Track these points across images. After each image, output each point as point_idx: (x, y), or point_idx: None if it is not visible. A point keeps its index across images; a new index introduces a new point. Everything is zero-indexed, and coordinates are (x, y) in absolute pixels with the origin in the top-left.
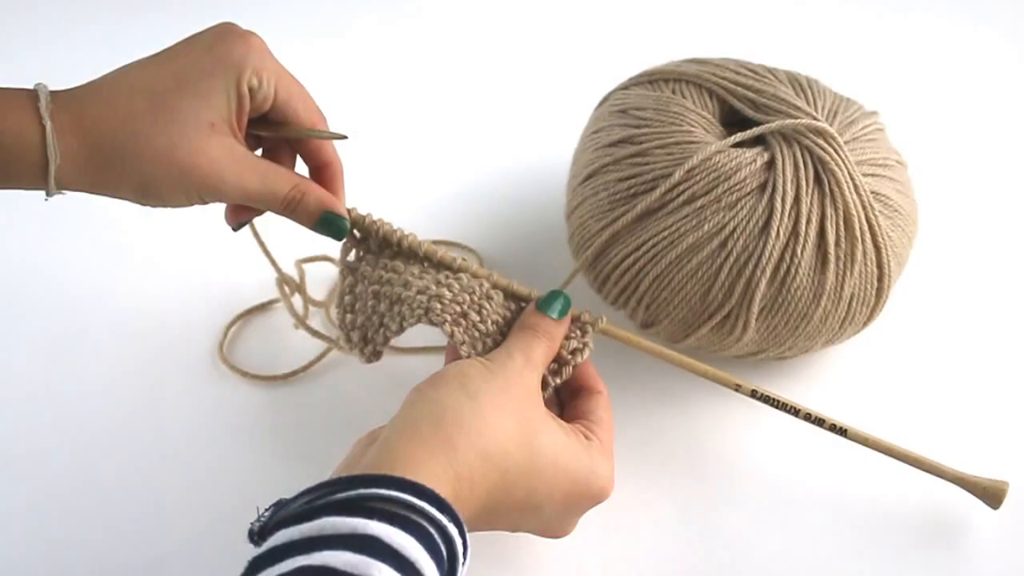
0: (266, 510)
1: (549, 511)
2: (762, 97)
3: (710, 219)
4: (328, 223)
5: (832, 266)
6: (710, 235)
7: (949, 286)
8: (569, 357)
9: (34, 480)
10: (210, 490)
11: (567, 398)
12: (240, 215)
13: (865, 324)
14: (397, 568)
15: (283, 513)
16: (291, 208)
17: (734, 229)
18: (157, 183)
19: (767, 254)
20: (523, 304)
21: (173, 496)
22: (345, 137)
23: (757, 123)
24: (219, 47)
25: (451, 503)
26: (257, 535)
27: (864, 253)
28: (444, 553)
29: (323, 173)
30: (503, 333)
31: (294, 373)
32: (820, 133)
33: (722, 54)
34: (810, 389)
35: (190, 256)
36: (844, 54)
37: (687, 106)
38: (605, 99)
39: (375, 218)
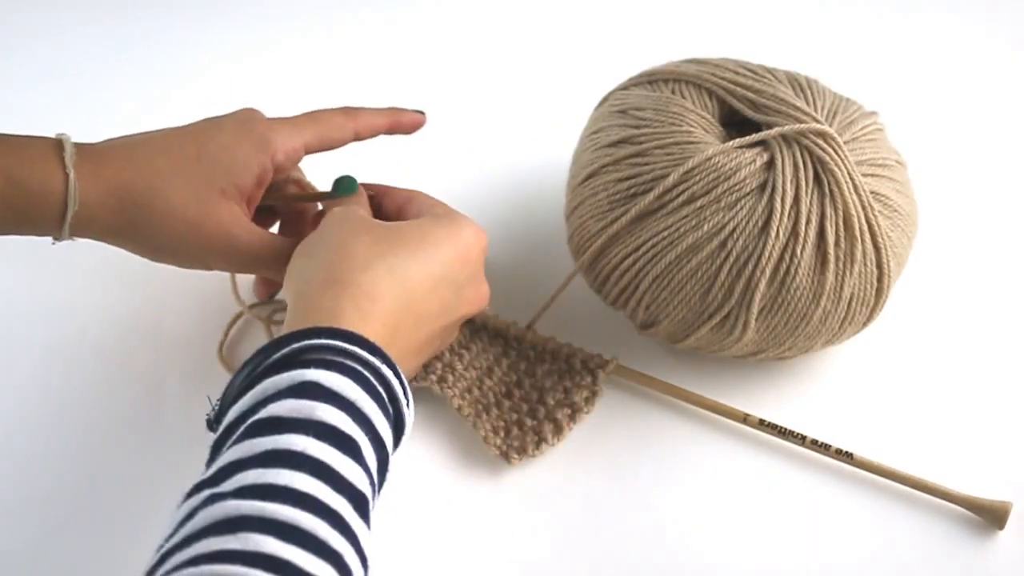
0: (218, 400)
1: (450, 273)
2: (762, 97)
3: (710, 219)
4: None
5: (832, 266)
6: (710, 235)
7: (949, 286)
8: (582, 404)
9: (34, 480)
10: None
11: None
12: (269, 287)
13: (865, 324)
14: (339, 407)
15: (229, 392)
16: None
17: (734, 229)
18: (169, 238)
19: (767, 254)
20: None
21: (173, 496)
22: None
23: (756, 123)
24: (245, 126)
25: (377, 343)
26: (214, 422)
27: (864, 253)
28: (384, 395)
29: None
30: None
31: None
32: (820, 134)
33: (722, 54)
34: (810, 389)
35: None
36: (844, 54)
37: (687, 106)
38: (605, 99)
39: None
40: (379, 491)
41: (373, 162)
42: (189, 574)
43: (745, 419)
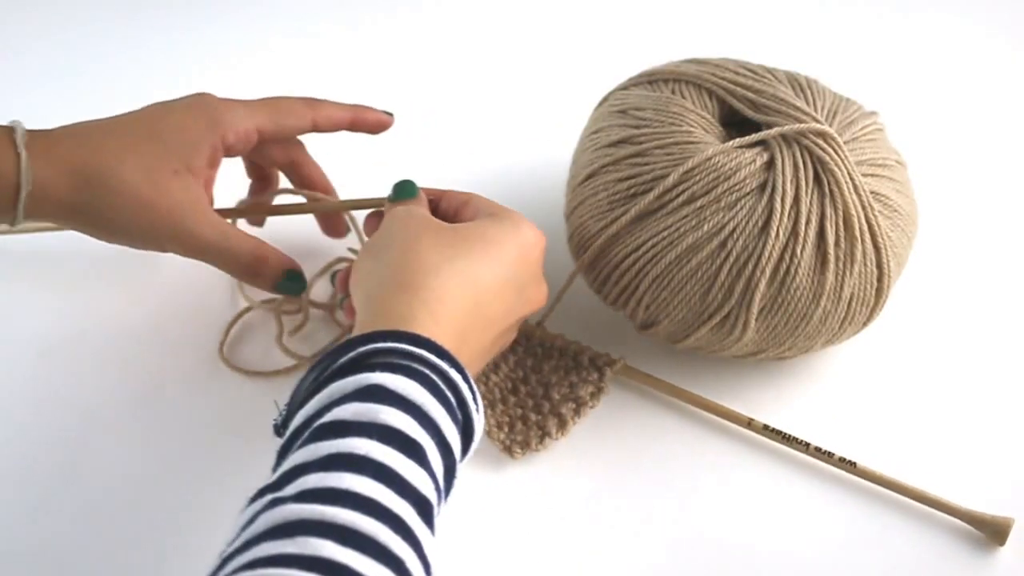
0: (285, 405)
1: (514, 275)
2: (762, 97)
3: (709, 219)
4: (290, 280)
5: (832, 266)
6: (709, 235)
7: (949, 286)
8: (587, 398)
9: (34, 480)
10: (211, 489)
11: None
12: (336, 227)
13: (865, 324)
14: (405, 411)
15: (296, 396)
16: (253, 273)
17: (734, 229)
18: (122, 217)
19: (767, 254)
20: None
21: (174, 495)
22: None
23: (756, 123)
24: (196, 107)
25: (448, 349)
26: (281, 427)
27: (864, 253)
28: (452, 399)
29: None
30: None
31: (296, 367)
32: (820, 134)
33: (722, 54)
34: (810, 389)
35: None
36: (844, 54)
37: (687, 106)
38: (605, 99)
39: None
40: (446, 498)
41: (372, 163)
42: None
43: (749, 424)
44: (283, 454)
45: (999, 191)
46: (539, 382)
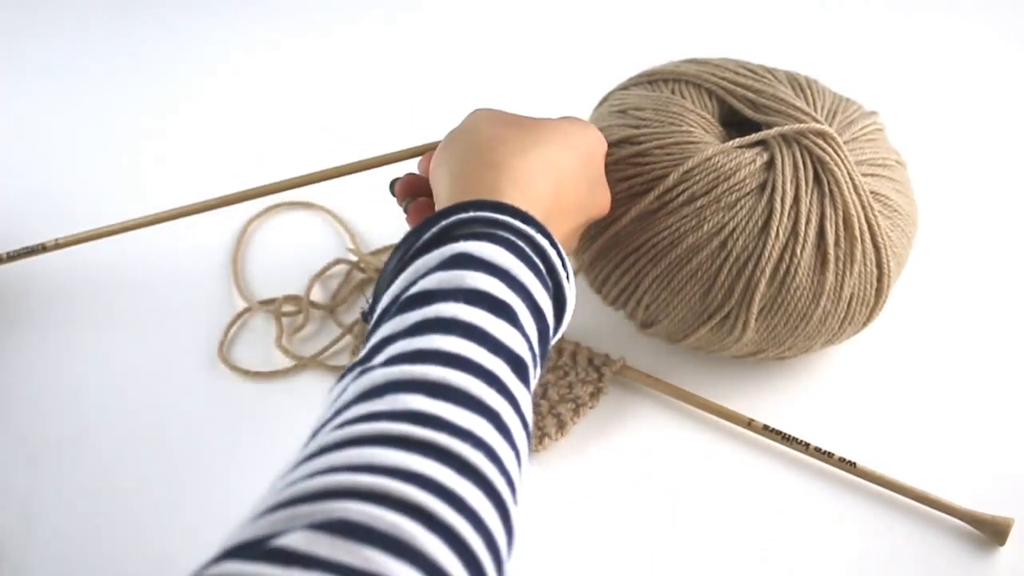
0: (371, 292)
1: (587, 170)
2: (761, 97)
3: (710, 219)
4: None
5: (831, 266)
6: (709, 235)
7: (949, 286)
8: (587, 399)
9: (33, 480)
10: (211, 489)
11: None
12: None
13: (865, 324)
14: (491, 274)
15: (382, 280)
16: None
17: (734, 229)
18: None
19: (767, 254)
20: None
21: (173, 495)
22: None
23: (756, 123)
24: None
25: (532, 214)
26: (368, 313)
27: (864, 253)
28: (541, 265)
29: None
30: None
31: (295, 367)
32: (820, 134)
33: (722, 54)
34: (810, 389)
35: (190, 255)
36: (844, 54)
37: (686, 106)
38: (604, 99)
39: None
40: (541, 365)
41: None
42: (336, 436)
43: (749, 424)
44: (374, 331)
45: (999, 191)
46: (537, 382)
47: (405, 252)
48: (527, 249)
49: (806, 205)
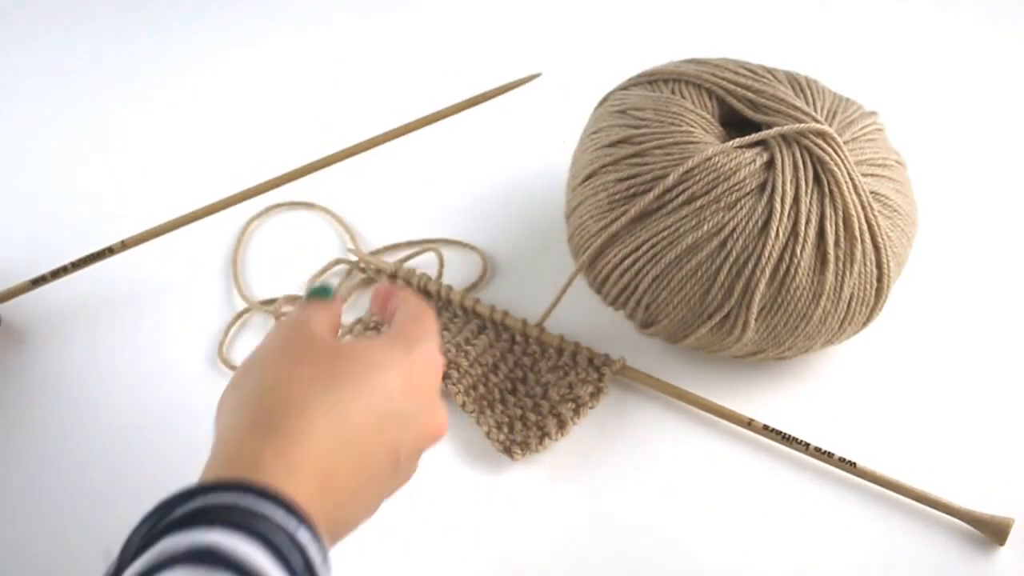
0: (116, 556)
1: (396, 406)
2: (761, 97)
3: (709, 219)
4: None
5: (831, 266)
6: (709, 235)
7: (949, 286)
8: (587, 398)
9: (33, 480)
10: None
11: None
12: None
13: (865, 324)
14: None
15: (127, 549)
16: None
17: (733, 229)
18: None
19: (766, 254)
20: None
21: None
22: None
23: (756, 123)
24: None
25: (300, 503)
26: None
27: (863, 253)
28: (299, 561)
29: None
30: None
31: None
32: (820, 134)
33: (721, 54)
34: (810, 389)
35: (190, 255)
36: (844, 54)
37: (686, 106)
38: (604, 99)
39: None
40: None
41: (373, 164)
42: None
43: (749, 424)
44: None
45: (999, 191)
46: (537, 382)
47: (155, 524)
48: (283, 548)
49: (806, 205)
